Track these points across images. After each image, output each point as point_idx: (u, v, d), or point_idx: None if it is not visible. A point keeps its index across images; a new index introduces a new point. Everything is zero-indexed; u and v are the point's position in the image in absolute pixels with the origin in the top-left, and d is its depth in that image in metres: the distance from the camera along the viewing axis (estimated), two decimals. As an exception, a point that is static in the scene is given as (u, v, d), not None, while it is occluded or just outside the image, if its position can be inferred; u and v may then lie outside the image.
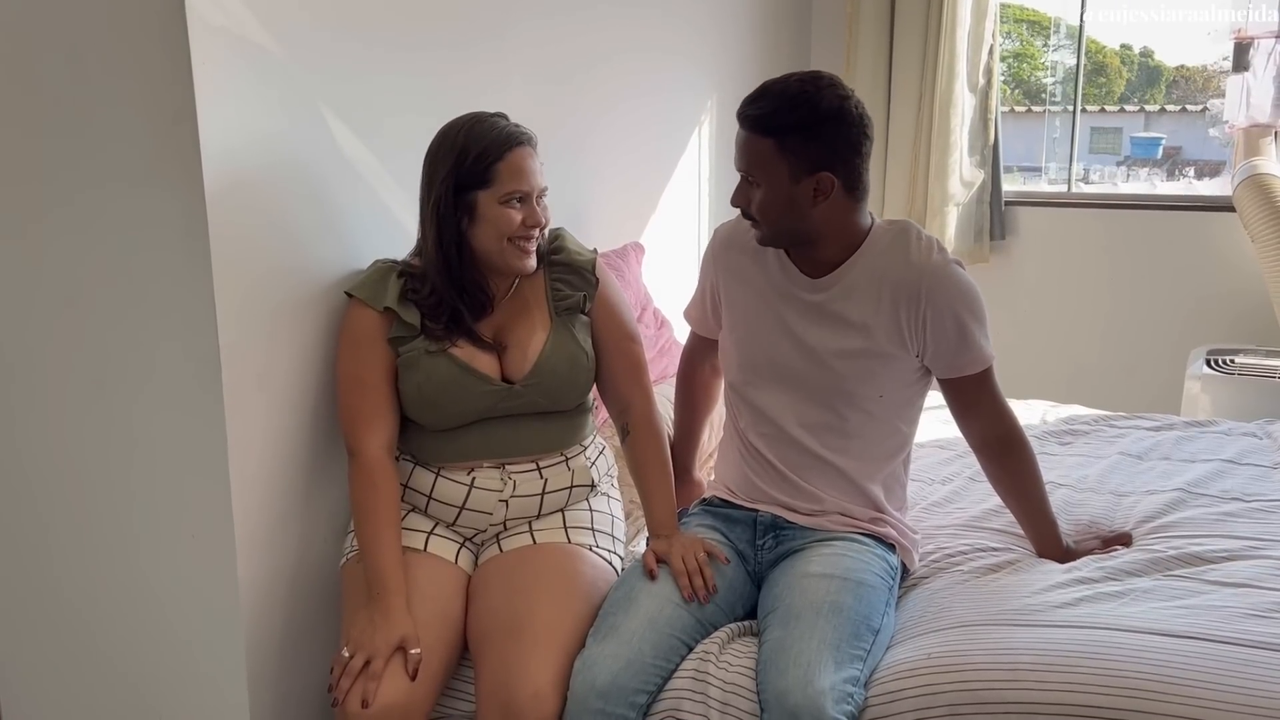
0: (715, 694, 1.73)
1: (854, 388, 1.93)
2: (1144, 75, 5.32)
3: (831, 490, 1.97)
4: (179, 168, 1.70)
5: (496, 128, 1.91)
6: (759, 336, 2.00)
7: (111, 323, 1.85)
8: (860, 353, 1.91)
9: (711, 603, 1.86)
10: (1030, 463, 2.03)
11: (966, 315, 1.90)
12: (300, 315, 1.92)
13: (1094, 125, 5.61)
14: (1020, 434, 2.02)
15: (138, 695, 2.03)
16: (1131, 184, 4.80)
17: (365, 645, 1.74)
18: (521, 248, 1.92)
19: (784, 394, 1.98)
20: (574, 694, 1.71)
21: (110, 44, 1.72)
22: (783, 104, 1.82)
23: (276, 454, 1.90)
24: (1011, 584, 1.89)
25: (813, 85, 1.83)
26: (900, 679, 1.66)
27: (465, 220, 1.90)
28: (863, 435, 1.97)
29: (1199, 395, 3.34)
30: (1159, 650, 1.61)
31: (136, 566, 1.95)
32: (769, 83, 1.87)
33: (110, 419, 1.90)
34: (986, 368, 1.96)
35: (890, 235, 1.94)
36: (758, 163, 1.86)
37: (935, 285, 1.88)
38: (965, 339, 1.91)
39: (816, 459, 1.97)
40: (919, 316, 1.89)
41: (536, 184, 1.92)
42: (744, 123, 1.87)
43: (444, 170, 1.88)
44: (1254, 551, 1.97)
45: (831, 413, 1.96)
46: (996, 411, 2.00)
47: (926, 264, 1.89)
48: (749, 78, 3.87)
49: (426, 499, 1.97)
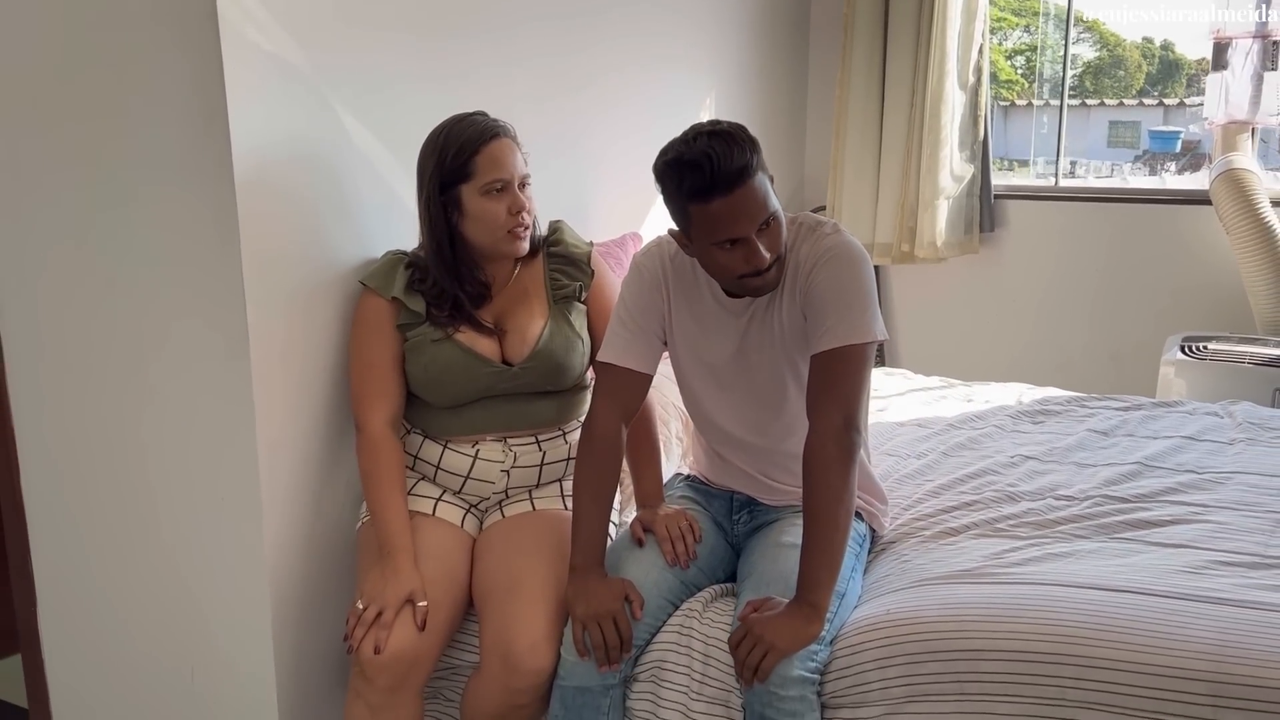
0: (698, 648, 1.87)
1: (789, 384, 1.96)
2: (1164, 69, 5.26)
3: (791, 479, 2.00)
4: (212, 162, 1.83)
5: (474, 124, 2.00)
6: (701, 351, 2.01)
7: (149, 303, 2.00)
8: (788, 354, 1.94)
9: (693, 567, 1.99)
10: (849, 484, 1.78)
11: (845, 284, 1.83)
12: (320, 298, 2.05)
13: (1112, 119, 5.54)
14: (855, 447, 1.80)
15: (170, 646, 2.18)
16: (1116, 179, 4.84)
17: (377, 598, 1.88)
18: (513, 233, 2.03)
19: (728, 402, 2.02)
20: (568, 645, 1.86)
21: (149, 49, 1.87)
22: (738, 146, 1.73)
23: (299, 425, 2.03)
24: (968, 547, 2.03)
25: (719, 124, 1.78)
26: (862, 633, 1.79)
27: (454, 215, 2.02)
28: (805, 423, 1.88)
29: (1173, 380, 3.44)
30: (1096, 602, 1.73)
31: (171, 527, 2.10)
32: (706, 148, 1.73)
33: (148, 391, 2.04)
34: (852, 345, 1.81)
35: (794, 235, 1.90)
36: (767, 201, 1.77)
37: (824, 259, 1.85)
38: (838, 304, 1.82)
39: (770, 453, 2.04)
40: (808, 291, 1.86)
41: (516, 172, 2.01)
42: (736, 178, 1.73)
43: (429, 170, 2.00)
44: (1196, 517, 2.10)
45: (770, 410, 1.99)
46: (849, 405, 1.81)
47: (817, 248, 1.87)
48: (747, 73, 3.97)
49: (435, 469, 2.11)
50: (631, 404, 2.02)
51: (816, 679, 1.74)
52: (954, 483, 2.37)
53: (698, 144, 1.74)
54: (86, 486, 2.19)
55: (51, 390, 2.18)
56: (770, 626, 1.72)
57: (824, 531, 1.77)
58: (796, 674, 1.71)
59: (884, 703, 1.74)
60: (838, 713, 1.77)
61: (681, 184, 1.75)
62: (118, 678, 2.27)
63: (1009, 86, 5.21)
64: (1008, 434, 2.74)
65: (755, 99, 4.06)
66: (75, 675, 2.34)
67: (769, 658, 1.70)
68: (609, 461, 1.99)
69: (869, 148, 4.25)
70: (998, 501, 2.25)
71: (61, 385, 2.16)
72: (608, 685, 1.85)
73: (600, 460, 1.98)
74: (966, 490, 2.32)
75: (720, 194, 1.73)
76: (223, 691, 2.13)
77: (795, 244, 1.90)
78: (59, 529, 2.27)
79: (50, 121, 2.02)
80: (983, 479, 2.38)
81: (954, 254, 4.19)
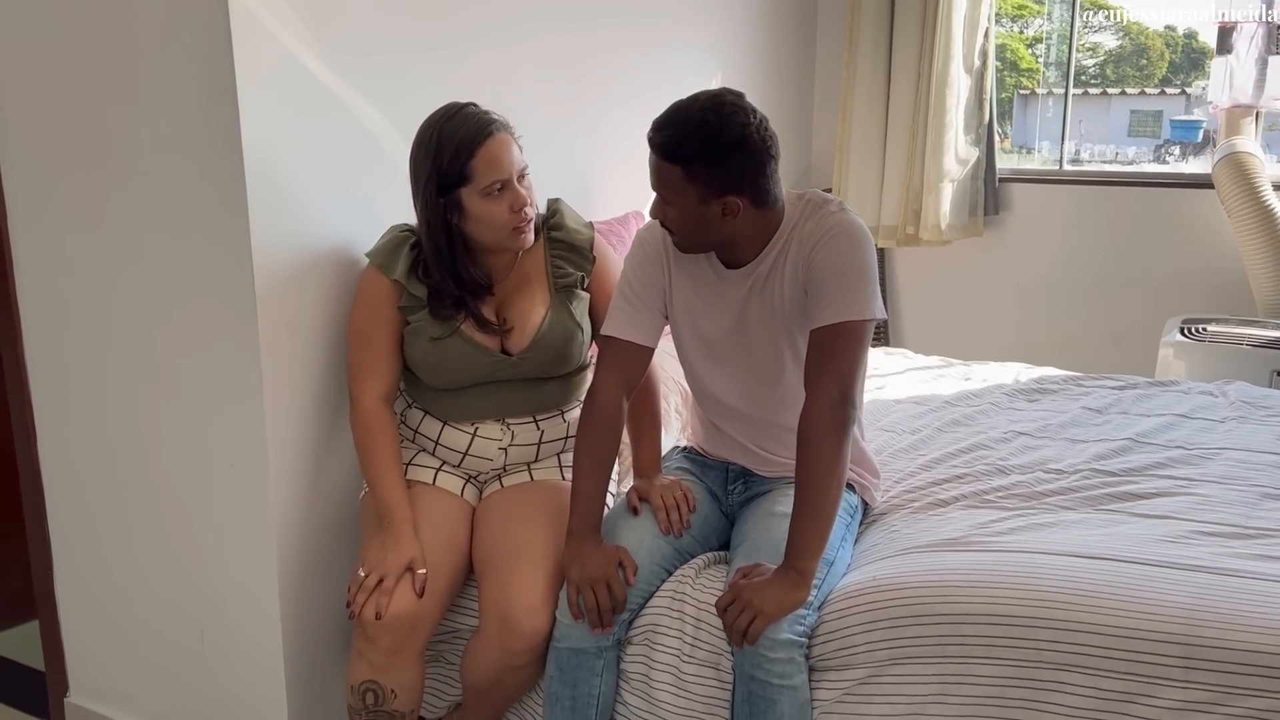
0: (690, 612, 1.92)
1: (786, 357, 2.00)
2: (1187, 58, 5.20)
3: (785, 451, 2.02)
4: (221, 140, 1.88)
5: (466, 122, 1.96)
6: (700, 324, 2.05)
7: (161, 278, 2.05)
8: (786, 327, 1.98)
9: (687, 535, 2.04)
10: (841, 456, 1.82)
11: (844, 262, 1.87)
12: (324, 272, 2.09)
13: (1134, 108, 5.47)
14: (849, 421, 1.84)
15: (181, 610, 2.24)
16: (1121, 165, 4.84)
17: (378, 566, 1.93)
18: (517, 229, 2.03)
19: (725, 374, 2.07)
20: (563, 609, 1.91)
21: (160, 31, 1.91)
22: (687, 134, 1.82)
23: (305, 395, 2.08)
24: (956, 517, 2.07)
25: (715, 114, 1.82)
26: (849, 599, 1.83)
27: (455, 217, 2.00)
28: (801, 396, 1.92)
29: (1172, 361, 3.46)
30: (1075, 569, 1.77)
31: (182, 491, 2.16)
32: (676, 107, 1.86)
33: (160, 361, 2.10)
34: (850, 321, 1.85)
35: (799, 211, 1.96)
36: (667, 185, 1.87)
37: (827, 236, 1.90)
38: (839, 281, 1.86)
39: (766, 425, 2.08)
40: (810, 267, 1.91)
41: (515, 168, 1.98)
42: (652, 148, 1.86)
43: (425, 173, 1.97)
44: (1181, 490, 2.14)
45: (767, 383, 2.03)
46: (845, 380, 1.84)
47: (825, 223, 1.92)
48: (754, 53, 3.98)
49: (434, 444, 2.15)
50: (634, 376, 2.07)
51: (804, 642, 1.79)
52: (946, 457, 2.40)
53: (687, 100, 1.86)
54: (101, 457, 2.26)
55: (67, 363, 2.24)
56: (758, 592, 1.77)
57: (814, 501, 1.81)
58: (785, 637, 1.75)
59: (869, 665, 1.79)
60: (824, 675, 1.82)
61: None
62: (131, 641, 2.34)
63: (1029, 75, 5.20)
64: (1003, 411, 2.77)
65: (761, 80, 4.08)
66: (90, 639, 2.42)
67: (757, 622, 1.75)
68: (609, 432, 2.02)
69: (874, 130, 4.27)
70: (988, 474, 2.29)
71: (77, 358, 2.22)
72: (601, 647, 1.91)
73: (601, 430, 2.02)
74: (958, 464, 2.36)
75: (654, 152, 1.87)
76: (232, 653, 2.20)
77: (800, 220, 1.94)
78: (74, 498, 2.34)
79: (63, 103, 2.07)
80: (974, 453, 2.42)
81: (958, 237, 4.21)
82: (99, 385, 2.21)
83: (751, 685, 1.77)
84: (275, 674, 2.13)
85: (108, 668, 2.41)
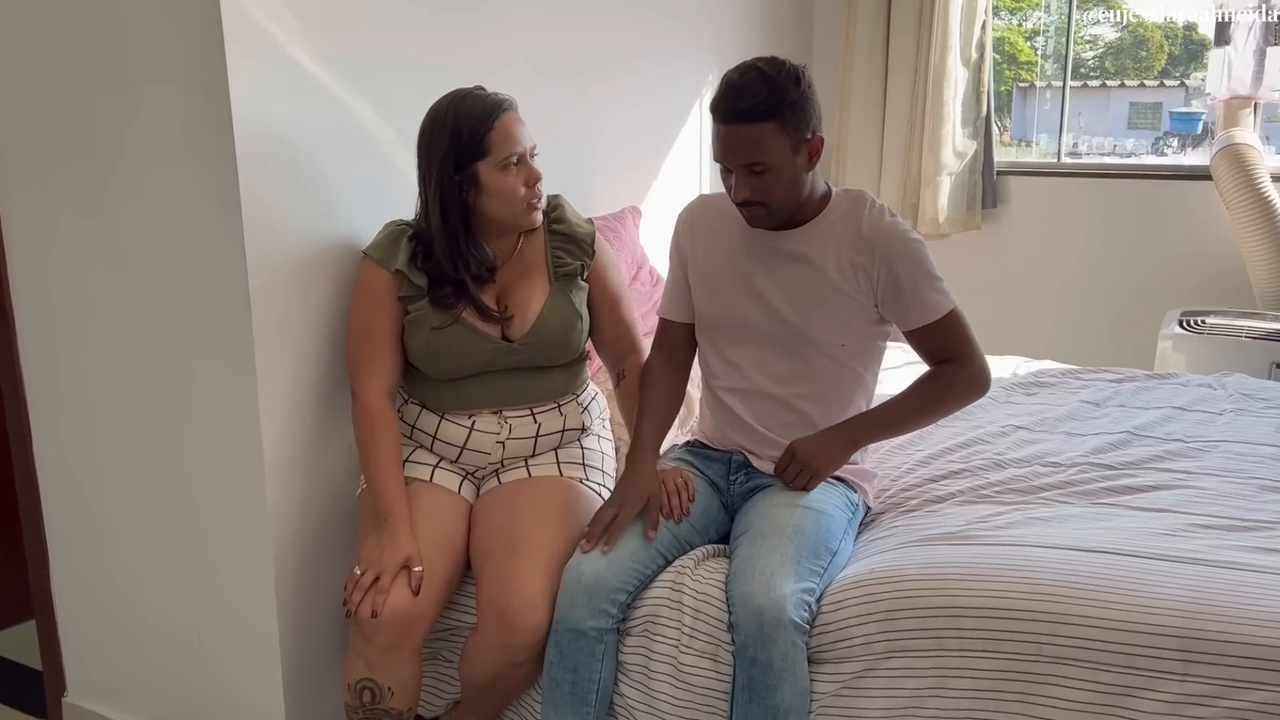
0: (689, 602, 1.92)
1: (818, 334, 2.04)
2: (1186, 50, 5.19)
3: (787, 435, 2.08)
4: (214, 136, 1.88)
5: (481, 100, 2.01)
6: (728, 297, 2.10)
7: (155, 271, 2.04)
8: (822, 297, 2.03)
9: (687, 524, 2.04)
10: (961, 394, 2.07)
11: (916, 270, 2.02)
12: (319, 268, 2.09)
13: (1133, 100, 5.48)
14: (984, 378, 2.06)
15: (178, 608, 2.24)
16: (1117, 157, 4.83)
17: (374, 563, 1.92)
18: (530, 204, 2.06)
19: (752, 348, 2.10)
20: (563, 588, 1.91)
21: (152, 25, 1.91)
22: (770, 88, 1.89)
23: (300, 391, 2.08)
24: (953, 512, 2.07)
25: (771, 66, 1.92)
26: (846, 590, 1.84)
27: (471, 193, 2.03)
28: (827, 381, 2.07)
29: (1171, 354, 3.46)
30: (1073, 562, 1.77)
31: (178, 489, 2.15)
32: (737, 78, 1.92)
33: (155, 359, 2.10)
34: (944, 314, 2.03)
35: (847, 202, 2.07)
36: (762, 148, 1.91)
37: (887, 246, 2.01)
38: (916, 292, 2.01)
39: (782, 405, 2.10)
40: (874, 272, 2.01)
41: (528, 143, 2.04)
42: (740, 116, 1.90)
43: (441, 150, 1.99)
44: (1180, 483, 2.14)
45: (798, 360, 2.07)
46: (968, 354, 2.05)
47: (879, 226, 2.02)
48: (751, 49, 3.93)
49: (432, 439, 2.15)
50: (685, 353, 2.24)
51: (807, 629, 1.79)
52: (943, 451, 2.40)
53: (739, 72, 1.94)
54: (96, 455, 2.26)
55: (62, 362, 2.24)
56: (811, 450, 2.02)
57: (909, 406, 2.07)
58: (790, 619, 1.75)
59: (866, 657, 1.79)
60: (822, 667, 1.82)
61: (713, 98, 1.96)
62: (128, 640, 2.34)
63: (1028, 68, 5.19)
64: (1000, 405, 2.77)
65: (758, 76, 4.05)
66: (88, 638, 2.42)
67: (811, 479, 2.01)
68: (671, 394, 2.20)
69: (872, 124, 4.27)
70: (985, 469, 2.29)
71: (71, 356, 2.22)
72: (602, 630, 1.90)
73: (661, 390, 2.17)
74: (955, 459, 2.35)
75: (719, 121, 1.94)
76: (229, 651, 2.19)
77: (847, 208, 2.06)
78: (70, 497, 2.33)
79: (55, 100, 2.07)
80: (972, 448, 2.42)
81: (956, 230, 4.21)
82: (94, 383, 2.21)
83: (753, 670, 1.77)
84: (272, 672, 2.12)
85: (105, 667, 2.40)
